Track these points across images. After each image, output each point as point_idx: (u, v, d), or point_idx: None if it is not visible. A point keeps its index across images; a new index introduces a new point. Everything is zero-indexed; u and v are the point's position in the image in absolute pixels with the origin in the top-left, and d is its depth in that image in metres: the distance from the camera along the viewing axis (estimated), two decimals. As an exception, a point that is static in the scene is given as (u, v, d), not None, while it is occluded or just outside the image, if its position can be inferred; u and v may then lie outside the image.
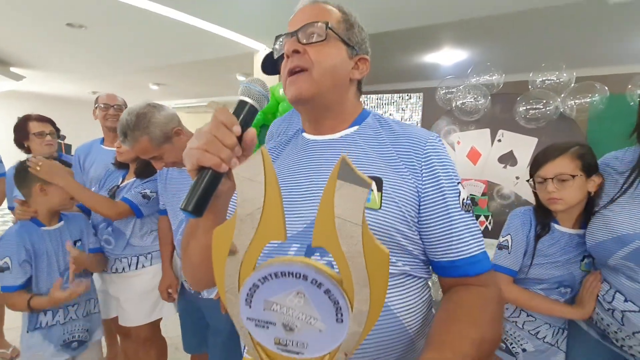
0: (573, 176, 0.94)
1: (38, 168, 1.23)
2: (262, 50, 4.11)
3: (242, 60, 4.50)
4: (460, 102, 2.43)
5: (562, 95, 2.22)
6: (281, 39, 0.70)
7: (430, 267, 0.64)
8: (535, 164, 1.03)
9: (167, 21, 3.18)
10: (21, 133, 1.71)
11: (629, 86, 2.03)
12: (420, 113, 2.87)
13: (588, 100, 2.15)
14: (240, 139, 0.49)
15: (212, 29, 3.38)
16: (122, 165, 1.53)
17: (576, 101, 2.20)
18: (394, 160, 0.62)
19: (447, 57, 4.48)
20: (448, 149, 2.66)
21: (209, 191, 0.47)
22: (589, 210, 0.97)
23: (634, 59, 4.35)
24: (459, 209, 0.60)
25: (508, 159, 2.51)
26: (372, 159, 0.62)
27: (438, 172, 0.61)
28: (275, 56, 0.70)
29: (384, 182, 0.59)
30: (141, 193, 1.45)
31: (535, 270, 1.01)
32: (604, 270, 0.91)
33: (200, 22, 3.23)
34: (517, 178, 2.48)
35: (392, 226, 0.58)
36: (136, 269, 1.49)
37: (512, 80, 2.75)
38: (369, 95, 2.86)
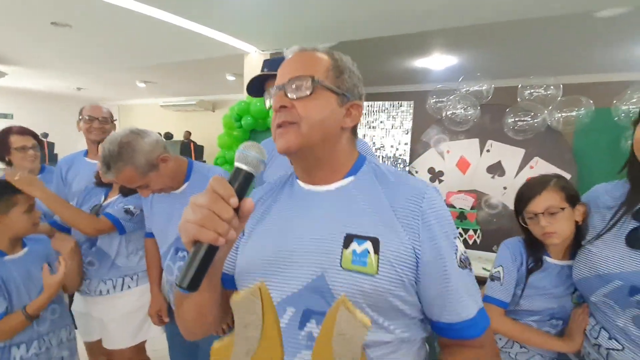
0: (562, 208, 0.95)
1: (16, 178, 1.18)
2: (252, 52, 4.07)
3: (233, 61, 4.45)
4: (451, 112, 2.45)
5: (550, 107, 2.26)
6: (270, 89, 0.68)
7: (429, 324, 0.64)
8: (522, 201, 1.02)
9: (155, 22, 3.11)
10: (2, 147, 1.64)
11: (614, 101, 2.07)
12: (411, 121, 2.88)
13: (574, 113, 2.19)
14: (237, 208, 0.48)
15: (201, 31, 3.33)
16: (104, 184, 1.46)
17: (563, 114, 2.24)
18: (390, 218, 0.60)
19: (437, 62, 4.51)
20: (438, 158, 2.68)
21: (205, 266, 0.47)
22: (578, 240, 0.97)
23: (618, 68, 4.46)
24: (457, 267, 0.59)
25: (496, 169, 2.54)
26: (369, 215, 0.61)
27: (435, 231, 0.59)
28: (268, 107, 0.68)
29: (380, 242, 0.57)
30: (124, 208, 1.40)
31: (527, 302, 1.01)
32: (591, 305, 0.92)
33: (189, 23, 3.17)
34: (505, 188, 2.51)
35: (389, 292, 0.56)
36: (122, 290, 1.44)
37: (501, 86, 2.79)
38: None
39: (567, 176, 2.29)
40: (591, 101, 2.15)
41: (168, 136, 7.50)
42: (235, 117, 3.05)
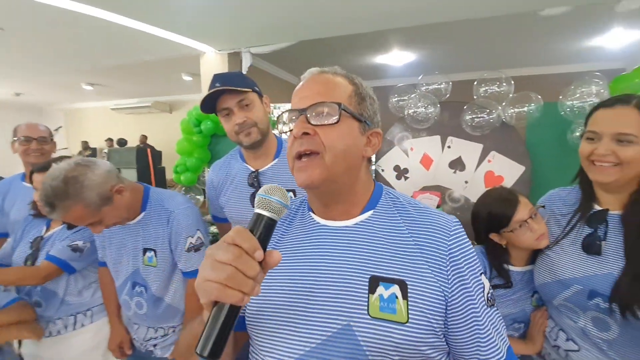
0: (535, 214, 1.00)
1: None
2: (209, 52, 3.90)
3: (189, 61, 4.24)
4: (412, 110, 2.49)
5: (503, 104, 2.36)
6: (284, 111, 0.62)
7: None
8: (504, 217, 1.01)
9: (97, 23, 2.88)
10: None
11: (560, 97, 2.20)
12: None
13: (525, 109, 2.30)
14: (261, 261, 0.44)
15: (150, 31, 3.13)
16: (42, 215, 1.29)
17: (515, 110, 2.35)
18: (416, 258, 0.55)
19: (397, 58, 4.60)
20: (402, 156, 2.73)
21: (228, 330, 0.43)
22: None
23: (561, 61, 4.80)
24: (485, 306, 0.57)
25: (457, 164, 2.63)
26: (393, 254, 0.56)
27: (464, 271, 0.55)
28: (280, 133, 0.64)
29: (408, 287, 0.53)
30: (70, 246, 1.26)
31: None
32: (550, 308, 0.97)
33: (137, 24, 2.96)
34: (466, 182, 2.61)
35: (421, 340, 0.52)
36: (74, 329, 1.31)
37: (458, 80, 2.89)
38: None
39: (522, 168, 2.43)
40: (540, 97, 2.28)
41: (121, 142, 7.03)
42: (194, 122, 2.90)
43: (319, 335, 0.54)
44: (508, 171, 2.44)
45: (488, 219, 1.05)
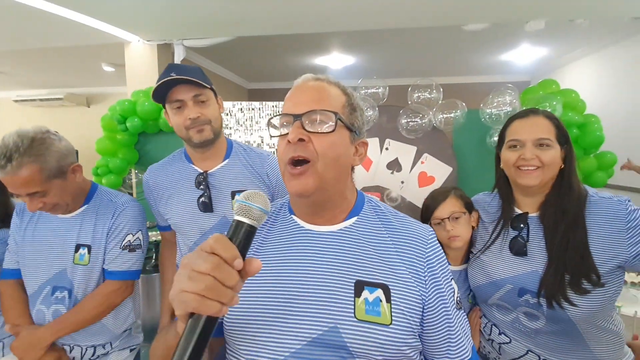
0: (464, 212, 1.05)
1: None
2: (135, 41, 3.54)
3: (110, 50, 3.82)
4: (352, 113, 2.55)
5: (434, 109, 2.53)
6: (276, 116, 0.63)
7: None
8: (428, 210, 1.11)
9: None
10: None
11: (481, 105, 2.43)
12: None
13: (452, 114, 2.50)
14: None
15: (62, 14, 2.73)
16: None
17: (444, 115, 2.54)
18: (397, 264, 0.60)
19: (336, 61, 4.68)
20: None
21: (204, 342, 0.41)
22: (470, 245, 1.09)
23: (483, 72, 5.35)
24: (455, 309, 0.62)
25: (394, 165, 2.75)
26: (376, 260, 0.59)
27: (439, 276, 0.61)
28: (274, 135, 0.63)
29: (391, 291, 0.57)
30: None
31: None
32: (483, 305, 1.04)
33: (45, 4, 2.56)
34: (402, 182, 2.75)
35: (403, 341, 0.56)
36: None
37: (393, 85, 3.04)
38: (265, 103, 2.75)
39: (450, 169, 2.63)
40: (464, 104, 2.49)
41: (27, 138, 6.07)
42: (118, 119, 2.61)
43: (306, 336, 0.55)
44: (438, 172, 2.63)
45: (421, 211, 1.14)
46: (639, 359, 0.94)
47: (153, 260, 2.42)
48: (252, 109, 2.75)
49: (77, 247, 1.10)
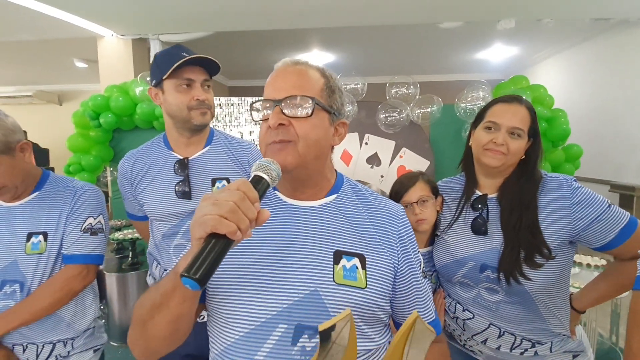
0: (430, 197, 1.09)
1: None
2: (108, 35, 3.44)
3: (82, 45, 3.69)
4: (331, 108, 2.57)
5: (411, 104, 2.59)
6: (259, 103, 0.66)
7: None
8: (397, 194, 1.13)
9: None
10: None
11: (456, 100, 2.51)
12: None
13: (429, 109, 2.56)
14: None
15: (29, 5, 2.62)
16: None
17: (421, 110, 2.60)
18: (372, 237, 0.65)
19: (316, 58, 4.70)
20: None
21: (218, 260, 0.44)
22: (434, 229, 1.12)
23: (458, 70, 5.50)
24: (421, 277, 0.69)
25: (374, 160, 2.79)
26: (353, 233, 0.65)
27: (409, 248, 0.67)
28: (256, 119, 0.66)
29: (366, 259, 0.63)
30: None
31: None
32: (447, 285, 1.08)
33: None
34: (382, 176, 2.79)
35: (375, 303, 0.62)
36: None
37: (372, 82, 3.10)
38: (244, 98, 2.74)
39: (427, 162, 2.70)
40: (440, 99, 2.56)
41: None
42: (91, 115, 2.53)
43: (288, 298, 0.59)
44: (416, 165, 2.69)
45: (390, 195, 1.17)
46: (574, 323, 1.01)
47: (129, 259, 2.36)
48: (232, 105, 2.73)
49: (29, 236, 1.03)
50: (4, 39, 3.52)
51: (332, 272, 0.61)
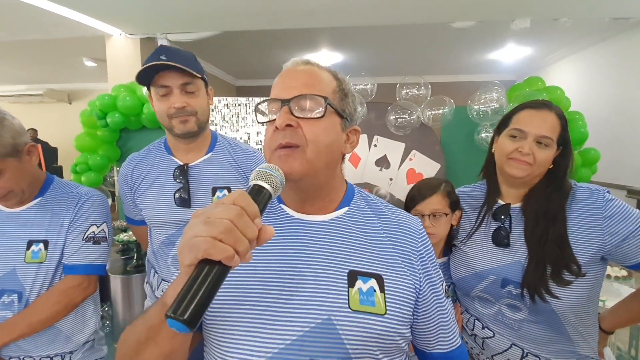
0: (446, 213, 1.03)
1: None
2: (116, 34, 3.44)
3: (91, 44, 3.70)
4: (340, 110, 2.52)
5: (422, 106, 2.52)
6: (265, 104, 0.60)
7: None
8: (412, 201, 1.08)
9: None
10: None
11: (469, 101, 2.43)
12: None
13: (440, 111, 2.49)
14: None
15: (40, 5, 2.62)
16: None
17: (432, 112, 2.53)
18: (391, 255, 0.59)
19: (324, 58, 4.65)
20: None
21: (212, 294, 0.36)
22: (449, 239, 1.07)
23: (470, 71, 5.39)
24: (444, 298, 0.62)
25: (383, 162, 2.73)
26: (369, 250, 0.58)
27: (430, 268, 0.61)
28: (261, 121, 0.59)
29: (384, 280, 0.56)
30: None
31: None
32: (465, 300, 1.02)
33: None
34: (391, 179, 2.73)
35: (396, 331, 0.55)
36: None
37: (382, 83, 3.04)
38: (251, 98, 2.70)
39: (438, 166, 2.63)
40: (452, 101, 2.49)
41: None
42: (99, 115, 2.51)
43: (298, 329, 0.52)
44: (426, 168, 2.62)
45: (406, 199, 1.12)
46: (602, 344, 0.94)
47: (134, 261, 2.34)
48: (239, 105, 2.69)
49: (29, 244, 0.98)
50: (16, 38, 3.55)
51: (346, 297, 0.54)
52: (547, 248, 0.83)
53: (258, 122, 0.61)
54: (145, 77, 1.00)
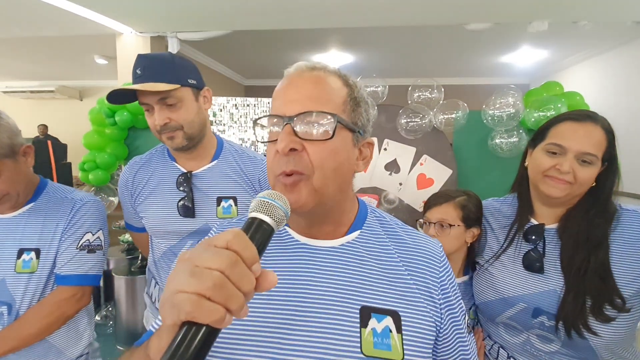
0: (451, 225, 0.95)
1: None
2: (127, 32, 3.43)
3: (102, 42, 3.71)
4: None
5: (434, 110, 2.46)
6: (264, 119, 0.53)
7: None
8: (426, 207, 1.04)
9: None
10: None
11: (484, 106, 2.36)
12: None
13: (453, 115, 2.43)
14: None
15: (53, 2, 2.62)
16: None
17: (445, 116, 2.46)
18: (408, 286, 0.52)
19: (334, 58, 4.61)
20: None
21: (200, 357, 0.31)
22: (471, 257, 1.00)
23: (485, 74, 5.29)
24: (466, 335, 0.56)
25: (393, 166, 2.68)
26: (384, 283, 0.51)
27: (452, 299, 0.54)
28: (261, 141, 0.55)
29: (402, 318, 0.49)
30: None
31: None
32: (488, 325, 0.94)
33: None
34: (400, 184, 2.67)
35: None
36: None
37: (393, 85, 2.98)
38: (260, 99, 2.66)
39: (450, 171, 2.56)
40: (466, 105, 2.42)
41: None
42: (107, 112, 2.51)
43: None
44: (438, 174, 2.56)
45: (424, 205, 1.08)
46: None
47: (139, 261, 2.32)
48: (247, 105, 2.66)
49: (20, 253, 0.93)
50: (29, 34, 3.57)
51: (359, 339, 0.47)
52: (587, 278, 0.75)
53: (258, 142, 0.55)
54: (125, 97, 0.95)
